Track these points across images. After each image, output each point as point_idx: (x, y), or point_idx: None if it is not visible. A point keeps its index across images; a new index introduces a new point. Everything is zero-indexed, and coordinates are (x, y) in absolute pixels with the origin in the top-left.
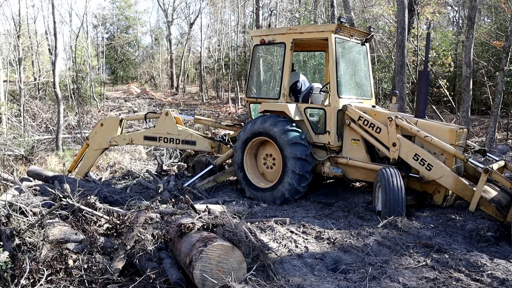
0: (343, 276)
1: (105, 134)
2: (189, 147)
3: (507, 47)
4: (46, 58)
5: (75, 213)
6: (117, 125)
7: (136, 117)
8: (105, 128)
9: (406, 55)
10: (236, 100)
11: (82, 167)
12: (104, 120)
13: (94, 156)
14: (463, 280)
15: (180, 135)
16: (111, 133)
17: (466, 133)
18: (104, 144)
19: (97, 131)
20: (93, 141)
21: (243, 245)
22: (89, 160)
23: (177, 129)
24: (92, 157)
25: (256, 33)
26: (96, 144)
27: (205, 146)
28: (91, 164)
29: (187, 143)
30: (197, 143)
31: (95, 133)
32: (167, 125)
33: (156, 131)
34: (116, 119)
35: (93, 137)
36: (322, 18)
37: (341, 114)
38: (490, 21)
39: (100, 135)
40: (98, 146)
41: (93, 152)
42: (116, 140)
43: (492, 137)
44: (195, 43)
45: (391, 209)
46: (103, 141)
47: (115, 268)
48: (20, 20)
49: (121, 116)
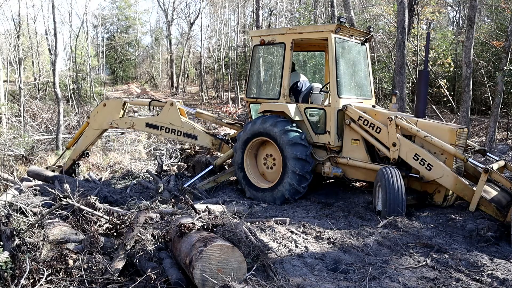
0: (343, 276)
1: (107, 115)
2: (190, 141)
3: (507, 47)
4: (46, 58)
5: (75, 213)
6: (120, 107)
7: (141, 102)
8: (107, 109)
9: (406, 55)
10: (236, 100)
11: (80, 146)
12: (107, 101)
13: (93, 136)
14: (463, 280)
15: (182, 127)
16: (113, 114)
17: (466, 133)
18: (105, 125)
19: (99, 111)
20: (94, 121)
21: (243, 245)
22: (88, 138)
23: (180, 120)
24: (91, 136)
25: (256, 33)
26: (96, 123)
27: (206, 142)
28: (89, 143)
29: (189, 136)
30: (199, 138)
31: (96, 113)
32: (171, 115)
33: (159, 119)
34: (119, 102)
35: (94, 116)
36: (322, 18)
37: (341, 114)
38: (490, 21)
39: (102, 115)
40: (98, 126)
41: (92, 131)
42: (117, 122)
43: (492, 137)
44: (195, 43)
45: (391, 209)
46: (103, 122)
47: (115, 268)
48: (20, 20)
49: (124, 99)
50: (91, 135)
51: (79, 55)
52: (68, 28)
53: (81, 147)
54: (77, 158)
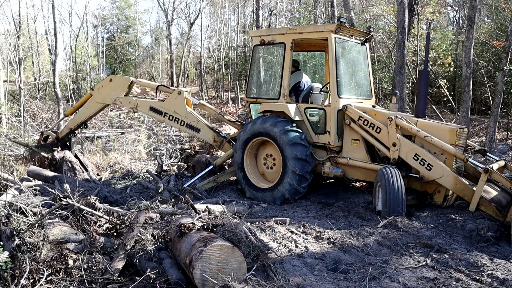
0: (343, 276)
1: (112, 90)
2: (192, 133)
3: (507, 47)
4: (46, 58)
5: (75, 213)
6: (126, 85)
7: (148, 84)
8: (113, 84)
9: (406, 55)
10: (236, 100)
11: (79, 116)
12: (114, 77)
13: (94, 109)
14: (463, 280)
15: (186, 117)
16: (118, 91)
17: (466, 133)
18: (108, 100)
19: (104, 85)
20: (98, 94)
21: (243, 245)
22: (88, 110)
23: (186, 111)
24: (92, 109)
25: (256, 33)
26: (100, 97)
27: (208, 138)
28: (89, 115)
29: (191, 128)
30: (201, 131)
31: (101, 86)
32: (177, 103)
33: (164, 105)
34: (126, 80)
35: (98, 89)
36: (322, 18)
37: (341, 114)
38: (490, 21)
39: (107, 90)
40: (101, 100)
41: (94, 104)
42: (121, 100)
43: (492, 137)
44: (195, 43)
45: (391, 209)
46: (107, 97)
47: (115, 268)
48: (20, 20)
49: (132, 78)
50: (92, 107)
51: (79, 55)
52: (68, 28)
53: (80, 117)
54: (75, 128)
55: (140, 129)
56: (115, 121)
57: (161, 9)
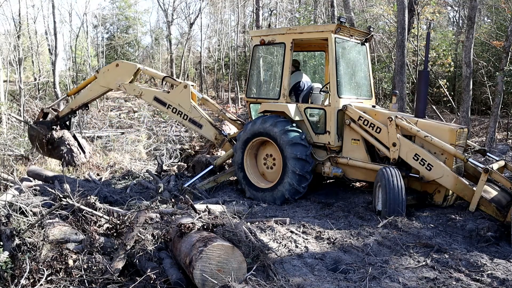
0: (343, 276)
1: (117, 76)
2: (194, 128)
3: (507, 47)
4: (46, 58)
5: (75, 213)
6: (132, 72)
7: (155, 74)
8: (119, 70)
9: (406, 55)
10: (236, 100)
11: (81, 97)
12: (121, 62)
13: (97, 92)
14: (463, 280)
15: (190, 112)
16: (123, 77)
17: (466, 133)
18: (112, 85)
19: (110, 69)
20: (103, 77)
21: (243, 245)
22: (92, 93)
23: (190, 105)
24: (95, 92)
25: (256, 33)
26: (104, 81)
27: (209, 135)
28: (91, 97)
29: (194, 123)
30: (203, 128)
31: (107, 70)
32: (182, 97)
33: (168, 97)
34: (133, 66)
35: (104, 73)
36: (322, 18)
37: (341, 114)
38: (490, 21)
39: (112, 74)
40: (105, 84)
41: (98, 87)
42: (126, 87)
43: (492, 137)
44: (195, 43)
45: (391, 209)
46: (112, 82)
47: (115, 268)
48: (20, 20)
49: (139, 65)
50: (95, 90)
51: (79, 55)
52: (68, 28)
53: (82, 98)
54: (76, 108)
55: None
56: (115, 121)
57: (161, 9)
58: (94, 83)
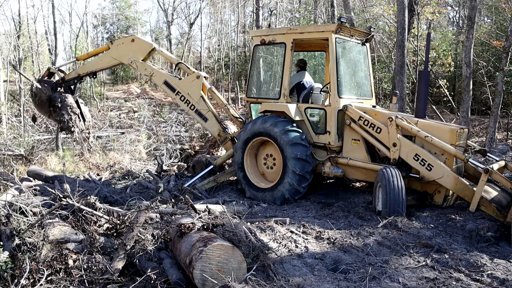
0: (343, 276)
1: (131, 51)
2: (199, 120)
3: (507, 47)
4: (46, 58)
5: (75, 213)
6: (147, 51)
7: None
8: (133, 46)
9: (406, 55)
10: (236, 100)
11: (91, 64)
12: (137, 38)
13: (108, 63)
14: (463, 280)
15: (198, 103)
16: (137, 54)
17: (467, 133)
18: (125, 60)
19: (124, 43)
20: (116, 50)
21: (243, 245)
22: (102, 63)
23: (199, 96)
24: (105, 62)
25: (256, 33)
26: (117, 53)
27: (213, 130)
28: (100, 67)
29: (199, 115)
30: (208, 122)
31: (121, 43)
32: (192, 86)
33: (179, 84)
34: (148, 45)
35: (118, 45)
36: (322, 18)
37: (341, 114)
38: (490, 21)
39: (126, 49)
40: (117, 56)
41: (109, 58)
42: (138, 64)
43: (492, 137)
44: (195, 43)
45: (391, 209)
46: (125, 56)
47: (115, 268)
48: (20, 20)
49: (154, 45)
50: (106, 60)
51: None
52: (68, 28)
53: (91, 66)
54: (83, 75)
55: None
56: (115, 121)
57: (161, 9)
58: (105, 54)
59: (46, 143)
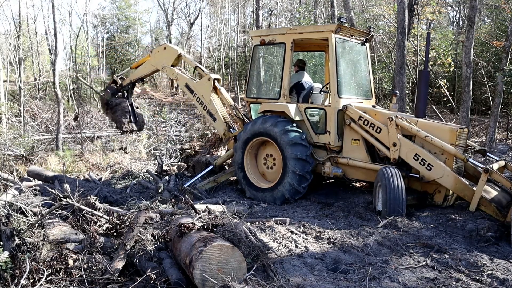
0: (343, 276)
1: (163, 58)
2: (209, 119)
3: (507, 47)
4: (46, 58)
5: (75, 213)
6: (174, 56)
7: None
8: (165, 53)
9: (406, 55)
10: (236, 100)
11: (138, 72)
12: (168, 45)
13: (149, 70)
14: (463, 280)
15: (209, 104)
16: (167, 60)
17: (467, 133)
18: (159, 66)
19: (159, 51)
20: (154, 57)
21: (243, 245)
22: (145, 70)
23: (210, 97)
24: (147, 69)
25: (256, 33)
26: (154, 61)
27: (220, 129)
28: (144, 74)
29: (210, 115)
30: (217, 121)
31: (157, 51)
32: (204, 88)
33: (195, 86)
34: (175, 51)
35: (154, 54)
36: (322, 18)
37: (341, 114)
38: (490, 21)
39: (160, 56)
40: (155, 63)
41: (149, 65)
42: (167, 70)
43: (492, 137)
44: (195, 43)
45: (391, 209)
46: (159, 63)
47: (115, 268)
48: (20, 20)
49: (180, 51)
50: (147, 68)
51: (79, 55)
52: (68, 28)
53: (138, 73)
54: (134, 81)
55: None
56: None
57: (161, 9)
58: (147, 62)
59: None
